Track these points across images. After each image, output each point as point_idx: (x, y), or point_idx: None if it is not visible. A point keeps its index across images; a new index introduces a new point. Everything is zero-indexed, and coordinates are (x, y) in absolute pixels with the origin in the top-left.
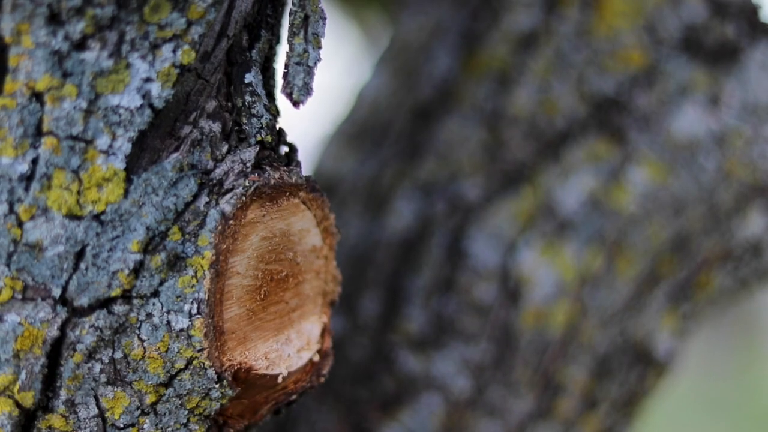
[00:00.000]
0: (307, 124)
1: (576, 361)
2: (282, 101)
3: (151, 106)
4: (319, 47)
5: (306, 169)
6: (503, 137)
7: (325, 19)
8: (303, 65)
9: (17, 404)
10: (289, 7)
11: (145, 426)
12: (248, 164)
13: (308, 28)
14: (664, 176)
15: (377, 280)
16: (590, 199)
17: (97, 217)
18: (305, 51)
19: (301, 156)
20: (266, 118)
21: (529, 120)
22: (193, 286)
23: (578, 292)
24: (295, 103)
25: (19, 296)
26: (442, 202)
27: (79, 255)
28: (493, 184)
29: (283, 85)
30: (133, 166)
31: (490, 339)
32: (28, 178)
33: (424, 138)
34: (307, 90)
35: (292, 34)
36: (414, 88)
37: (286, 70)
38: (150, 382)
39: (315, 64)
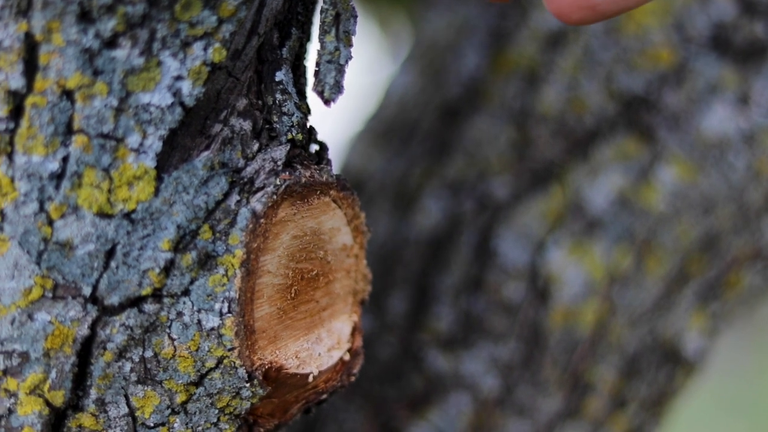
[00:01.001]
0: (333, 122)
1: (605, 360)
2: (311, 99)
3: (181, 104)
4: (351, 45)
5: (334, 167)
6: (532, 135)
7: (356, 17)
8: (334, 63)
9: (47, 403)
10: (319, 5)
11: (175, 425)
12: (279, 163)
13: (339, 26)
14: (694, 175)
15: (406, 279)
16: (619, 197)
17: (127, 216)
18: (337, 49)
19: (330, 154)
20: (297, 116)
21: (558, 118)
22: (223, 284)
23: (607, 291)
24: (327, 102)
25: (50, 295)
26: (471, 200)
27: (110, 253)
28: (522, 183)
29: (314, 83)
30: (163, 165)
31: (518, 338)
32: (58, 177)
33: (452, 136)
34: (338, 88)
35: (324, 32)
36: (442, 86)
37: (317, 68)
38: (180, 381)
39: (346, 62)
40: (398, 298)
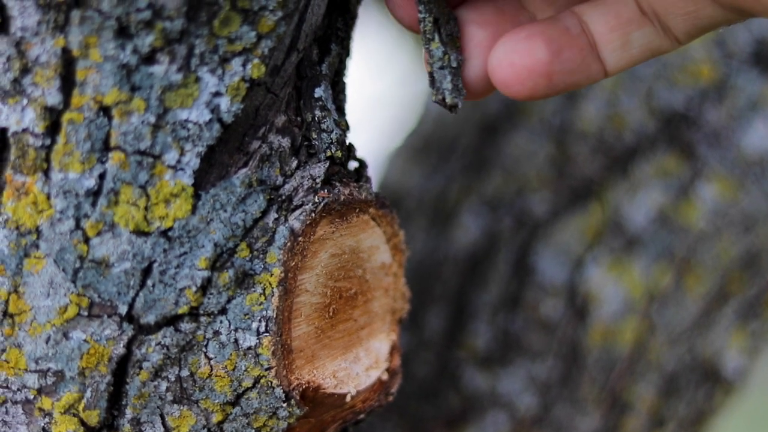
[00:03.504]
0: (369, 137)
1: (643, 379)
2: (348, 115)
3: (219, 120)
4: (457, 47)
5: (373, 183)
6: (571, 152)
7: (455, 18)
8: (447, 68)
9: (82, 422)
10: (419, 14)
11: None
12: (318, 180)
13: (441, 31)
14: (734, 192)
15: (443, 296)
16: (659, 215)
17: (164, 233)
18: (445, 53)
19: (369, 170)
20: (336, 133)
21: (597, 135)
22: (261, 303)
23: (646, 309)
24: (451, 108)
25: (85, 313)
26: (509, 217)
27: (146, 272)
28: (561, 200)
29: (433, 94)
30: (201, 182)
31: (557, 356)
32: (95, 194)
33: (490, 152)
34: (458, 91)
35: (427, 41)
36: (480, 102)
37: (431, 78)
38: (217, 401)
39: (458, 64)
40: (435, 315)
